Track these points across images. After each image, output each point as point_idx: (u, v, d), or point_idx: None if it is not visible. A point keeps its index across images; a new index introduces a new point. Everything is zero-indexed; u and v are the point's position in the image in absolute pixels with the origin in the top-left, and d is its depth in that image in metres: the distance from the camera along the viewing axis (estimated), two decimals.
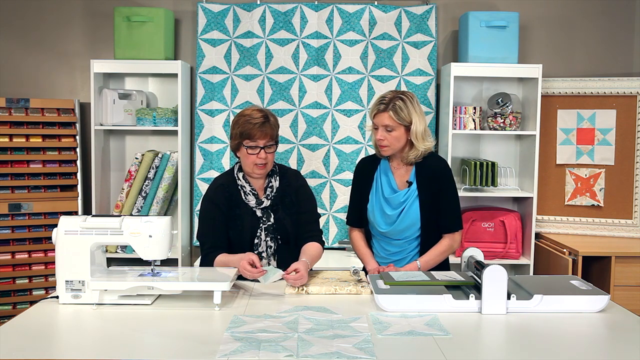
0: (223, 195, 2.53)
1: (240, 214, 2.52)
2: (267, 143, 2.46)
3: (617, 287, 3.36)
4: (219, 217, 2.51)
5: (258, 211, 2.53)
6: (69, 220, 2.11)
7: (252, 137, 2.44)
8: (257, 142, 2.45)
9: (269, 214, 2.53)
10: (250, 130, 2.44)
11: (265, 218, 2.53)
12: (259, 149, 2.45)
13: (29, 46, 3.97)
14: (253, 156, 2.45)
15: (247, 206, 2.53)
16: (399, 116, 2.47)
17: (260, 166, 2.48)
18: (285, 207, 2.55)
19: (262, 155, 2.45)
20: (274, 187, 2.56)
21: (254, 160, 2.46)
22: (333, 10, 3.88)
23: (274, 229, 2.53)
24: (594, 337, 1.90)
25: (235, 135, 2.49)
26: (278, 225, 2.53)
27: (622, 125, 3.78)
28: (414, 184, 2.56)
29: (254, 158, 2.46)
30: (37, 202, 3.69)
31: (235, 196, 2.53)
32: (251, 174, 2.53)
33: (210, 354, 1.66)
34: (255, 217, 2.52)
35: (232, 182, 2.56)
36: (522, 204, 3.92)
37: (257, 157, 2.45)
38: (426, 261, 2.54)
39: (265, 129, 2.45)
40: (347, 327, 1.88)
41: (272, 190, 2.55)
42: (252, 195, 2.53)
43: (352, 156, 3.92)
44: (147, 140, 3.98)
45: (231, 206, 2.53)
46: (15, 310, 3.62)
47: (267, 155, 2.47)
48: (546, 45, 4.02)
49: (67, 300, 2.09)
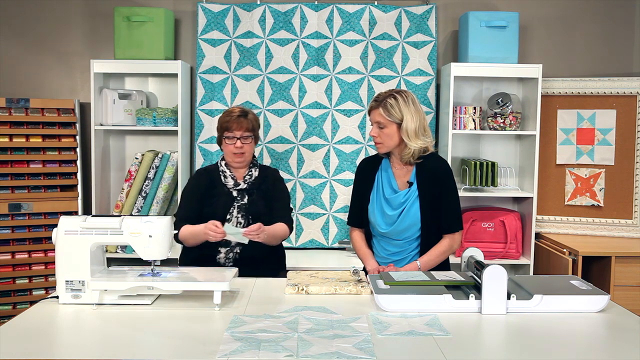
0: (204, 177, 2.87)
1: (217, 193, 2.81)
2: (244, 134, 2.79)
3: (617, 287, 3.36)
4: (196, 195, 2.82)
5: (234, 192, 2.82)
6: (69, 220, 2.12)
7: (230, 129, 2.79)
8: (234, 133, 2.78)
9: (243, 195, 2.82)
10: (228, 122, 2.80)
11: (240, 198, 2.81)
12: (235, 139, 2.78)
13: (29, 46, 3.97)
14: (231, 145, 2.79)
15: (224, 187, 2.82)
16: (389, 113, 2.49)
17: (238, 155, 2.79)
18: (261, 192, 2.83)
19: (239, 145, 2.78)
20: (252, 175, 2.86)
21: (232, 149, 2.79)
22: (333, 10, 3.88)
23: (246, 208, 2.79)
24: (594, 337, 1.90)
25: (218, 129, 2.86)
26: (251, 205, 2.80)
27: (622, 125, 3.78)
28: (415, 185, 2.57)
29: (232, 147, 2.79)
30: (37, 202, 3.69)
31: (216, 179, 2.85)
32: (232, 163, 2.84)
33: (210, 354, 1.66)
34: (230, 196, 2.81)
35: (215, 168, 2.90)
36: (522, 204, 3.92)
37: (234, 147, 2.78)
38: (426, 261, 2.55)
39: (242, 121, 2.79)
40: (347, 327, 1.88)
41: (250, 177, 2.85)
42: (231, 178, 2.84)
43: (352, 156, 3.92)
44: (147, 140, 3.98)
45: (210, 187, 2.83)
46: (15, 310, 3.62)
47: (243, 145, 2.78)
48: (546, 45, 4.02)
49: (67, 300, 2.09)
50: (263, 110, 3.91)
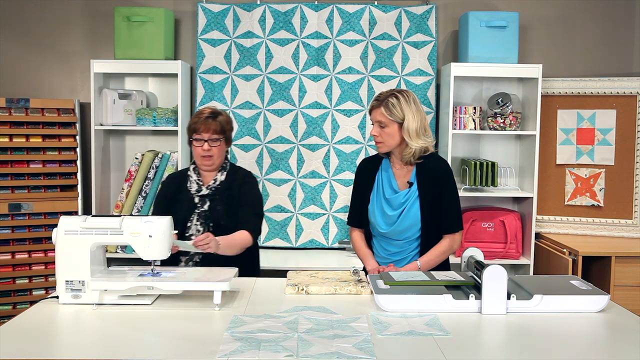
0: (172, 182, 2.80)
1: (180, 199, 2.72)
2: (212, 136, 2.66)
3: (617, 287, 3.36)
4: (163, 201, 2.75)
5: (196, 198, 2.71)
6: (69, 220, 2.12)
7: (198, 131, 2.67)
8: (201, 135, 2.66)
9: (205, 201, 2.70)
10: (196, 124, 2.68)
11: (201, 204, 2.70)
12: (203, 142, 2.66)
13: (29, 46, 3.97)
14: (199, 148, 2.67)
15: (188, 193, 2.72)
16: (390, 112, 2.49)
17: (206, 158, 2.68)
18: (224, 198, 2.70)
19: (206, 147, 2.65)
20: (217, 180, 2.73)
21: (200, 152, 2.68)
22: (333, 10, 3.88)
23: (206, 216, 2.67)
24: (594, 337, 1.90)
25: (187, 130, 2.75)
26: (212, 213, 2.68)
27: (622, 125, 3.78)
28: (415, 185, 2.57)
29: (200, 150, 2.67)
30: (37, 202, 3.69)
31: (183, 184, 2.75)
32: (201, 166, 2.74)
33: (210, 354, 1.66)
34: (192, 203, 2.71)
35: (184, 173, 2.81)
36: (522, 204, 3.92)
37: (202, 149, 2.66)
38: (426, 261, 2.54)
39: (210, 123, 2.67)
40: (347, 327, 1.88)
41: (214, 182, 2.72)
42: (195, 183, 2.73)
43: (352, 156, 3.92)
44: (147, 140, 3.98)
45: (176, 192, 2.74)
46: (15, 310, 3.62)
47: (211, 147, 2.66)
48: (546, 45, 4.02)
49: (67, 300, 2.09)
50: (263, 110, 3.91)
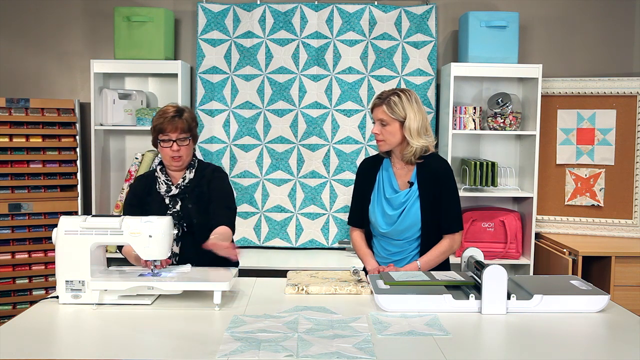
0: (141, 185, 2.70)
1: (151, 201, 2.64)
2: (180, 136, 2.58)
3: (617, 287, 3.36)
4: (133, 204, 2.65)
5: (167, 199, 2.63)
6: (69, 220, 2.12)
7: (164, 131, 2.58)
8: (169, 135, 2.57)
9: (176, 201, 2.63)
10: (162, 124, 2.58)
11: (172, 205, 2.62)
12: (171, 142, 2.57)
13: (29, 46, 3.97)
14: (167, 149, 2.59)
15: (158, 194, 2.64)
16: (392, 111, 2.50)
17: (175, 159, 2.60)
18: (194, 197, 2.63)
19: (175, 148, 2.57)
20: (186, 178, 2.65)
21: (168, 152, 2.59)
22: (333, 10, 3.88)
23: (178, 216, 2.60)
24: (594, 337, 1.90)
25: (151, 131, 2.65)
26: (183, 213, 2.61)
27: (622, 125, 3.78)
28: (415, 185, 2.57)
29: (168, 151, 2.58)
30: (37, 202, 3.69)
31: (152, 185, 2.67)
32: (169, 167, 2.66)
33: (210, 354, 1.66)
34: (163, 204, 2.63)
35: (152, 174, 2.72)
36: (522, 204, 3.92)
37: (170, 150, 2.58)
38: (426, 261, 2.54)
39: (176, 122, 2.58)
40: (347, 327, 1.88)
41: (183, 180, 2.65)
42: (164, 184, 2.65)
43: (352, 156, 3.92)
44: (147, 140, 3.92)
45: (146, 195, 2.66)
46: (15, 310, 3.62)
47: (180, 147, 2.58)
48: (546, 45, 4.02)
49: (67, 300, 2.09)
50: (263, 110, 3.91)
